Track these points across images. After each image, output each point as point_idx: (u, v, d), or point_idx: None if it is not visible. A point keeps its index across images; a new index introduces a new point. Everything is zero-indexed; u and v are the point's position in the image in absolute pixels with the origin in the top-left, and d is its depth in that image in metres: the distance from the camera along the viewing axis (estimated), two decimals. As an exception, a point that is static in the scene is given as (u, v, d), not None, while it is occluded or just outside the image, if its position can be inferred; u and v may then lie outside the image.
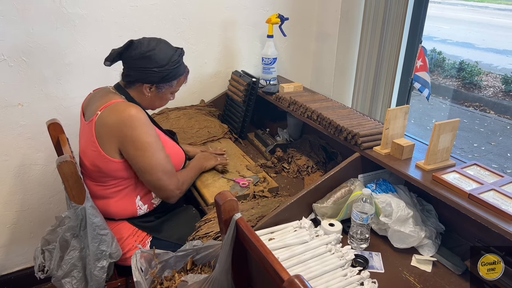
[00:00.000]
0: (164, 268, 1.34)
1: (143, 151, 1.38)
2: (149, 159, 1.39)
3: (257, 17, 2.25)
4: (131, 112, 1.36)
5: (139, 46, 1.40)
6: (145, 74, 1.41)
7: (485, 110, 4.34)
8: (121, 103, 1.40)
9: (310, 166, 1.86)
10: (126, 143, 1.37)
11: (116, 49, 1.41)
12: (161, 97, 1.51)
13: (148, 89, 1.46)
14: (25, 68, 1.77)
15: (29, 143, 1.90)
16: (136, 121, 1.36)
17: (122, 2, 1.88)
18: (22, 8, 1.69)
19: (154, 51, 1.40)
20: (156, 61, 1.40)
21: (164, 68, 1.42)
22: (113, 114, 1.37)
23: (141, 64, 1.40)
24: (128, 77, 1.45)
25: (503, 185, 1.23)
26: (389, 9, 1.93)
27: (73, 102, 1.92)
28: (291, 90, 2.05)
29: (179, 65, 1.47)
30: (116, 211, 1.51)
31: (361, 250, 1.35)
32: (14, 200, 1.97)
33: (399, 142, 1.41)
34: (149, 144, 1.38)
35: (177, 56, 1.46)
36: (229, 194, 1.07)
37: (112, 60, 1.42)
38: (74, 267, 1.38)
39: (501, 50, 5.44)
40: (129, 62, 1.42)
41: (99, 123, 1.38)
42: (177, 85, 1.52)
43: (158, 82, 1.44)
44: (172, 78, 1.46)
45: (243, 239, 1.03)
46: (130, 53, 1.40)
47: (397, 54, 1.94)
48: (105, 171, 1.44)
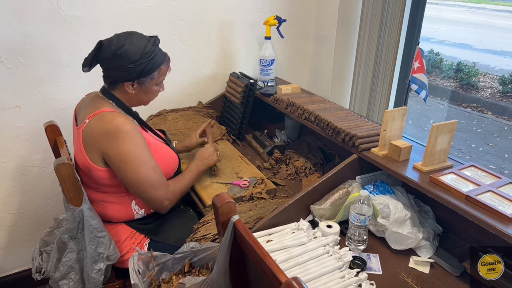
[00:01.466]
0: (161, 270, 1.34)
1: (127, 163, 1.35)
2: (133, 172, 1.37)
3: (254, 19, 2.25)
4: (117, 123, 1.34)
5: (109, 45, 1.35)
6: (121, 72, 1.37)
7: (483, 111, 4.35)
8: (108, 112, 1.37)
9: (308, 168, 1.86)
10: (111, 154, 1.35)
11: (90, 53, 1.38)
12: (146, 91, 1.47)
13: (130, 86, 1.42)
14: (22, 69, 1.77)
15: (26, 145, 1.90)
16: (122, 133, 1.34)
17: (119, 4, 1.88)
18: (19, 10, 1.69)
19: (124, 48, 1.34)
20: (129, 57, 1.35)
21: (139, 62, 1.36)
22: (100, 123, 1.35)
23: (115, 63, 1.36)
24: (108, 78, 1.43)
25: (501, 186, 1.24)
26: (387, 10, 1.93)
27: (70, 104, 1.91)
28: (289, 91, 2.05)
29: (154, 55, 1.39)
30: (113, 214, 1.51)
31: (359, 251, 1.35)
32: (12, 202, 1.96)
33: (397, 143, 1.41)
34: (134, 156, 1.35)
35: (150, 46, 1.39)
36: (226, 196, 1.06)
37: (89, 65, 1.39)
38: (71, 269, 1.38)
39: (499, 51, 5.45)
40: (104, 63, 1.39)
41: (86, 132, 1.37)
42: (160, 75, 1.46)
43: (138, 77, 1.40)
44: (151, 70, 1.41)
45: (241, 241, 1.03)
46: (102, 54, 1.36)
47: (395, 55, 1.95)
48: (94, 178, 1.43)
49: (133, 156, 1.35)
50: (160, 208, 1.48)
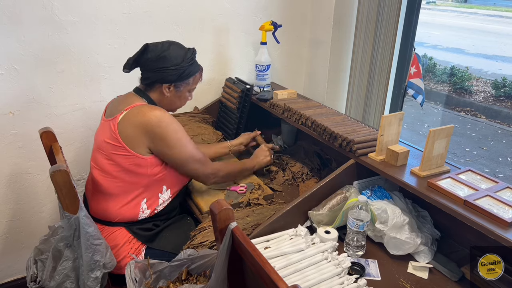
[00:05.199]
0: (158, 278, 1.33)
1: (174, 147, 1.46)
2: (181, 153, 1.48)
3: (250, 24, 2.25)
4: (156, 113, 1.44)
5: (154, 49, 1.47)
6: (162, 74, 1.48)
7: (476, 115, 4.38)
8: (145, 105, 1.48)
9: (304, 173, 1.85)
10: (157, 141, 1.44)
11: (132, 56, 1.49)
12: (180, 96, 1.58)
13: (167, 88, 1.53)
14: (16, 76, 1.75)
15: (20, 151, 1.87)
16: (163, 120, 1.44)
17: (114, 10, 1.87)
18: (13, 16, 1.67)
19: (169, 51, 1.48)
20: (172, 60, 1.48)
21: (180, 66, 1.49)
22: (140, 115, 1.44)
23: (158, 64, 1.47)
24: (147, 80, 1.52)
25: (498, 191, 1.24)
26: (382, 15, 1.94)
27: (65, 110, 1.90)
28: (285, 96, 2.05)
29: (193, 62, 1.54)
30: (117, 212, 1.49)
31: (357, 257, 1.35)
32: (5, 209, 1.94)
33: (394, 148, 1.42)
34: (178, 139, 1.47)
35: (190, 54, 1.53)
36: (224, 202, 1.05)
37: (130, 67, 1.50)
38: (67, 278, 1.36)
39: (491, 55, 5.51)
40: (146, 64, 1.49)
41: (124, 122, 1.44)
42: (194, 83, 1.59)
43: (176, 80, 1.51)
44: (188, 76, 1.53)
45: (239, 249, 1.02)
46: (146, 56, 1.47)
47: (390, 60, 1.95)
48: (125, 166, 1.46)
49: (178, 139, 1.47)
50: (206, 182, 1.62)
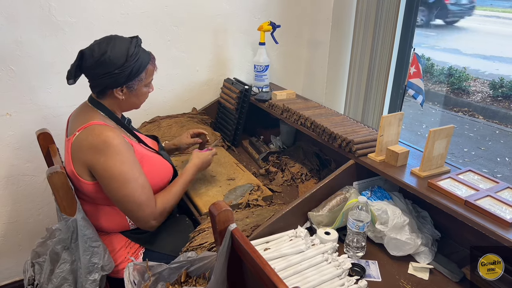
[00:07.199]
0: (157, 280, 1.32)
1: (113, 180, 1.31)
2: (119, 190, 1.32)
3: (248, 25, 2.25)
4: (106, 137, 1.30)
5: (91, 54, 1.30)
6: (108, 79, 1.32)
7: (474, 115, 4.38)
8: (98, 126, 1.33)
9: (304, 174, 1.84)
10: (98, 169, 1.31)
11: (72, 65, 1.34)
12: (137, 94, 1.42)
13: (120, 92, 1.37)
14: (13, 76, 1.74)
15: (17, 153, 1.86)
16: (110, 148, 1.29)
17: (112, 10, 1.86)
18: (10, 16, 1.66)
19: (107, 54, 1.29)
20: (114, 63, 1.29)
21: (125, 66, 1.31)
22: (89, 137, 1.31)
23: (100, 71, 1.30)
24: (96, 88, 1.38)
25: (499, 191, 1.23)
26: (380, 16, 1.93)
27: (62, 111, 1.89)
28: (284, 97, 2.04)
29: (139, 56, 1.34)
30: (108, 225, 1.47)
31: (358, 258, 1.34)
32: (2, 211, 1.92)
33: (394, 149, 1.41)
34: (120, 173, 1.31)
35: (133, 47, 1.33)
36: (223, 204, 1.04)
37: (74, 77, 1.34)
38: (65, 281, 1.35)
39: (488, 56, 5.52)
40: (89, 73, 1.34)
41: (75, 144, 1.34)
42: (148, 76, 1.42)
43: (125, 81, 1.35)
44: (137, 72, 1.36)
45: (239, 250, 1.01)
46: (85, 64, 1.31)
47: (389, 60, 1.95)
48: (88, 194, 1.40)
49: (119, 173, 1.30)
50: (146, 228, 1.43)
